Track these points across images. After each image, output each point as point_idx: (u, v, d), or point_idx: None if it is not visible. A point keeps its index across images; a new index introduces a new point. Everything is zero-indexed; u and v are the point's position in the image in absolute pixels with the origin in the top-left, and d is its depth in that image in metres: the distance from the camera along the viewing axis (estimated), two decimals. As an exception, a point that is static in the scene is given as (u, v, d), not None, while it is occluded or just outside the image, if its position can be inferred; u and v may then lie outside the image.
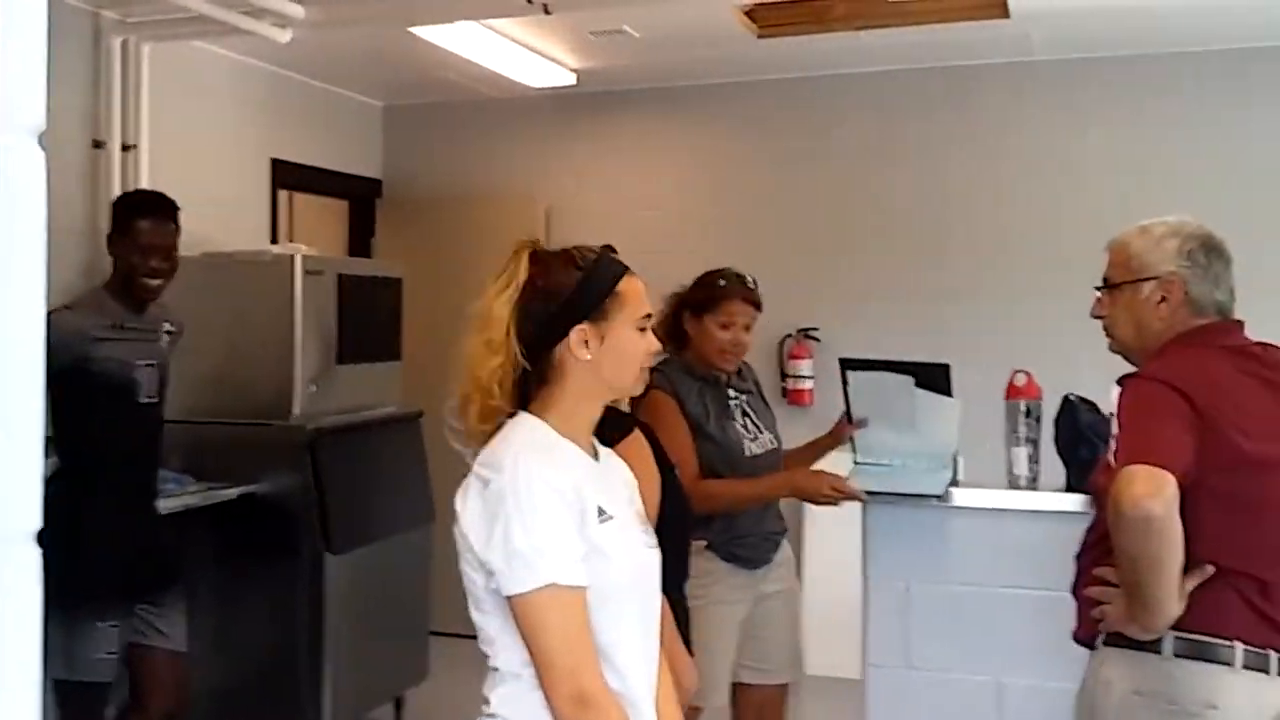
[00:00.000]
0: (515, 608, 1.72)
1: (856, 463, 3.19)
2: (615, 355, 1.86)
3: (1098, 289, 2.37)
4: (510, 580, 1.71)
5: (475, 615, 1.81)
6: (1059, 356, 3.59)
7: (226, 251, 4.43)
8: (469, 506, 1.77)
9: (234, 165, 5.26)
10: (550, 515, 1.72)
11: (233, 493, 4.07)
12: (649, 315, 1.92)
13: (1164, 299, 2.24)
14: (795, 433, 5.64)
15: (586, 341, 1.84)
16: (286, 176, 5.63)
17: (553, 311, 1.82)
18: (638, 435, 2.35)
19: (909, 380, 3.06)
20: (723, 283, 3.30)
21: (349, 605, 4.22)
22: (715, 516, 3.17)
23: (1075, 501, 2.85)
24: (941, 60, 5.51)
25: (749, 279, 3.34)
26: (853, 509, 3.10)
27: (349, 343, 4.48)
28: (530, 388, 1.85)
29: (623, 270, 1.90)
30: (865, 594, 3.10)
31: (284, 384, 4.20)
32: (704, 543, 3.17)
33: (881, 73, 5.67)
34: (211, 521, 4.00)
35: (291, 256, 4.27)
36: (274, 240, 5.43)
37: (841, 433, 3.30)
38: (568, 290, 1.83)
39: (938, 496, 2.94)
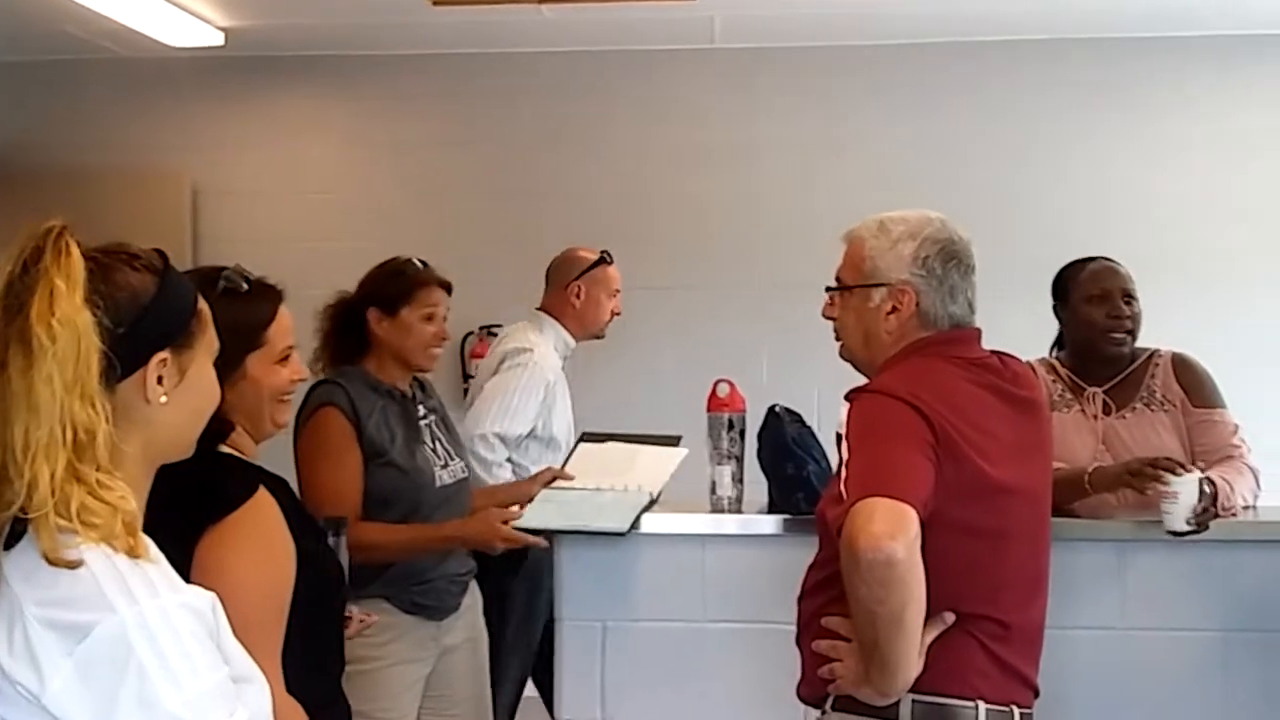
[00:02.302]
0: None
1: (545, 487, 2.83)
2: (197, 398, 1.35)
3: (829, 289, 2.11)
4: None
5: None
6: (767, 361, 3.41)
7: None
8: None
9: None
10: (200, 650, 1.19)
11: None
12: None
13: (894, 309, 2.00)
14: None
15: (161, 378, 1.30)
16: None
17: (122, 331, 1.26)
18: (256, 505, 1.64)
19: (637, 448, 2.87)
20: (415, 270, 2.88)
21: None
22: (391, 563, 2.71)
23: (778, 523, 2.62)
24: (625, 43, 5.30)
25: (415, 261, 2.94)
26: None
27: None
28: None
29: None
30: (558, 637, 2.71)
31: None
32: (381, 597, 2.69)
33: (565, 53, 5.38)
34: None
35: None
36: None
37: (548, 481, 2.90)
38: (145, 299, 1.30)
39: (620, 533, 2.59)
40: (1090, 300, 2.84)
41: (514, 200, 5.44)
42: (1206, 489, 2.47)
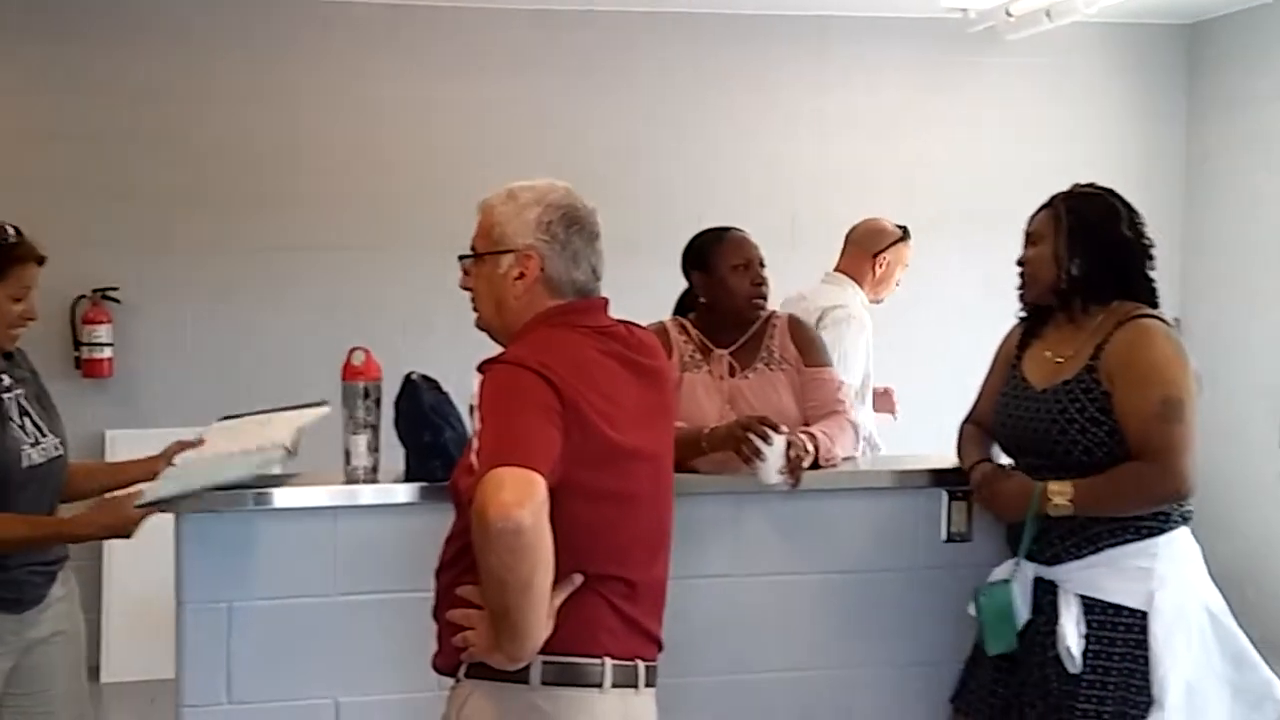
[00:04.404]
0: None
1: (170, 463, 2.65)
2: None
3: (461, 257, 2.10)
4: None
5: None
6: (405, 330, 3.35)
7: None
8: None
9: None
10: None
11: None
12: None
13: (521, 275, 2.02)
14: (95, 411, 5.01)
15: None
16: None
17: None
18: None
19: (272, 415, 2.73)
20: (8, 245, 2.60)
21: None
22: None
23: (414, 491, 2.59)
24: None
25: (9, 230, 2.65)
26: (165, 518, 2.55)
27: None
28: None
29: None
30: (179, 621, 2.56)
31: None
32: None
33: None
34: None
35: None
36: None
37: (173, 455, 2.71)
38: None
39: (246, 487, 2.50)
40: (735, 270, 2.97)
41: (125, 155, 5.08)
42: (809, 446, 2.68)
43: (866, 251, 4.00)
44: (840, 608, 2.80)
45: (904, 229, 4.05)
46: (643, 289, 3.20)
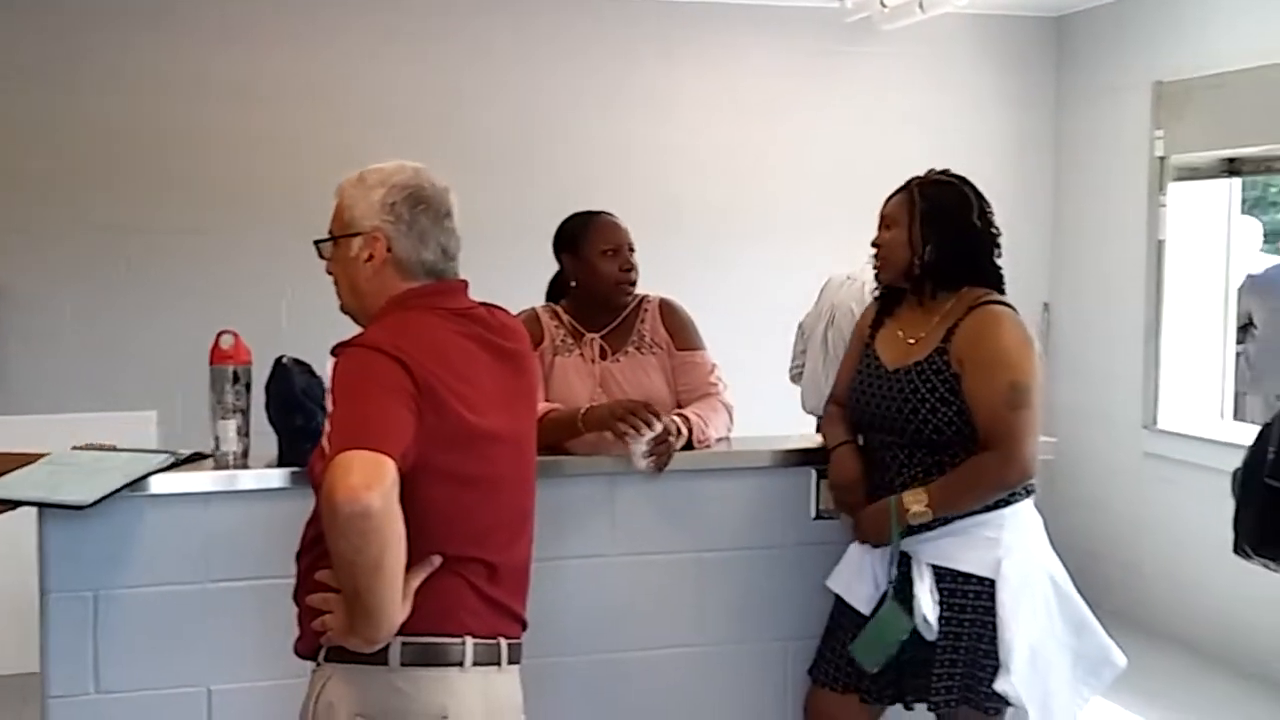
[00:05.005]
0: None
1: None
2: None
3: (316, 242, 2.10)
4: None
5: None
6: (276, 314, 3.32)
7: None
8: None
9: None
10: None
11: None
12: None
13: (371, 256, 2.03)
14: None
15: None
16: None
17: None
18: None
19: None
20: None
21: None
22: None
23: (285, 477, 2.58)
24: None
25: None
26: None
27: None
28: None
29: None
30: (43, 613, 2.52)
31: None
32: None
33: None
34: None
35: None
36: None
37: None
38: None
39: (80, 507, 2.40)
40: (604, 255, 2.96)
41: (3, 139, 4.94)
42: (682, 428, 2.74)
43: None
44: (714, 585, 2.87)
45: None
46: (524, 271, 3.24)
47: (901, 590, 2.59)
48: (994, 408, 2.52)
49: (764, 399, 4.11)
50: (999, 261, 2.70)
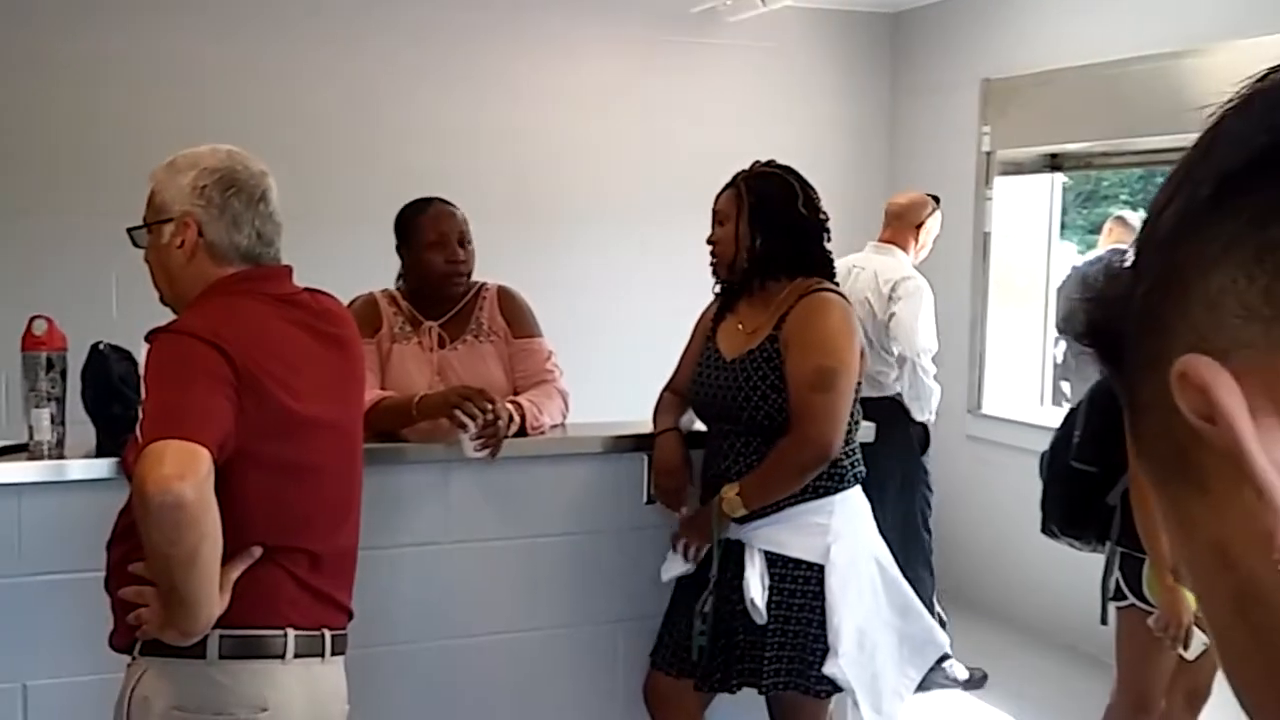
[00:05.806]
0: None
1: None
2: None
3: (129, 230, 2.04)
4: None
5: None
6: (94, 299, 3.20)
7: None
8: None
9: None
10: None
11: None
12: None
13: (182, 242, 1.98)
14: None
15: None
16: None
17: None
18: None
19: None
20: None
21: None
22: None
23: (105, 467, 2.50)
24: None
25: None
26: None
27: None
28: None
29: None
30: None
31: None
32: None
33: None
34: None
35: None
36: None
37: None
38: None
39: None
40: (430, 246, 2.92)
41: None
42: (514, 415, 2.75)
43: (910, 223, 4.44)
44: (548, 570, 2.90)
45: (935, 198, 4.52)
46: (367, 259, 3.20)
47: (726, 564, 2.66)
48: (799, 388, 2.59)
49: (600, 381, 4.16)
50: (829, 248, 2.77)
